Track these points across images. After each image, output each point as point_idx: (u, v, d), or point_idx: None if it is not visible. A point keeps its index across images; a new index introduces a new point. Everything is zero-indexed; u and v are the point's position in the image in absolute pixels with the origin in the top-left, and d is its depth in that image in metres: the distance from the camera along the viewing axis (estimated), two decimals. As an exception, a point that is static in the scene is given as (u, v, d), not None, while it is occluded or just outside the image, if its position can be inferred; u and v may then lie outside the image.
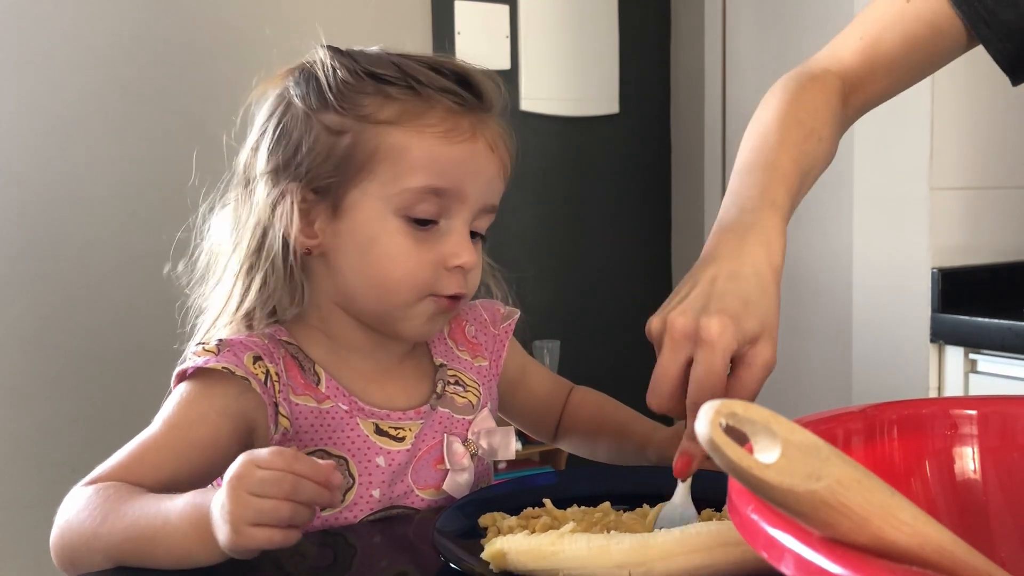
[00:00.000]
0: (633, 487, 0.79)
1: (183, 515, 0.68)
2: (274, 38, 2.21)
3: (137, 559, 0.70)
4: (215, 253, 0.87)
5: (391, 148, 0.80)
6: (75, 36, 2.06)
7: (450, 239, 0.81)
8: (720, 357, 0.67)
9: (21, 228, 2.03)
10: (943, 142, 2.10)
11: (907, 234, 2.11)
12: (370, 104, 0.81)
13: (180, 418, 0.79)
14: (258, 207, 0.83)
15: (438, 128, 0.80)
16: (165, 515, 0.69)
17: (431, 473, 0.85)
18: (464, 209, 0.82)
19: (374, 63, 0.83)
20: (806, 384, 2.22)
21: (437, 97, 0.81)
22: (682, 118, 2.64)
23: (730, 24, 2.47)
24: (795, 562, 0.38)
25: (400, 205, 0.80)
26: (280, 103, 0.85)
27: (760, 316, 0.69)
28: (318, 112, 0.82)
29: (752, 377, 0.69)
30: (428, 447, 0.86)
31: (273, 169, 0.83)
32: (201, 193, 0.91)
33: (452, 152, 0.80)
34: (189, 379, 0.81)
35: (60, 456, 2.04)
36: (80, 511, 0.72)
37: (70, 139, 2.06)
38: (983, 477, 0.56)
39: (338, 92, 0.81)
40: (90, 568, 0.71)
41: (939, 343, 2.02)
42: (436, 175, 0.80)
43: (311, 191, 0.81)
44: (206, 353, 0.80)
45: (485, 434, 0.89)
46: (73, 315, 2.07)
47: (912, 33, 0.89)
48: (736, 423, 0.40)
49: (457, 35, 2.31)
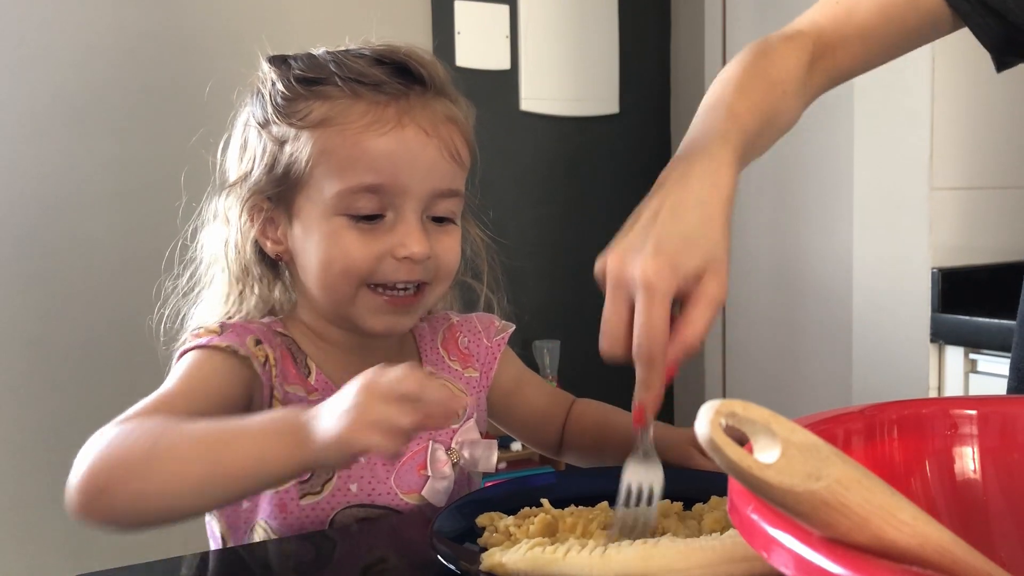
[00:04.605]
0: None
1: (263, 424, 0.67)
2: (274, 39, 2.22)
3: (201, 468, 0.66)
4: (203, 261, 0.90)
5: (321, 151, 0.81)
6: (75, 36, 2.06)
7: (398, 230, 0.81)
8: (659, 302, 0.64)
9: (21, 228, 2.03)
10: (943, 142, 2.10)
11: (907, 234, 2.11)
12: (303, 109, 0.82)
13: (192, 375, 0.79)
14: (230, 218, 0.86)
15: (360, 123, 0.80)
16: (238, 425, 0.68)
17: (414, 478, 0.86)
18: (408, 199, 0.81)
19: (309, 67, 0.84)
20: (806, 384, 2.22)
21: (362, 91, 0.81)
22: (682, 118, 2.64)
23: (730, 24, 2.47)
24: (795, 562, 0.38)
25: (337, 205, 0.80)
26: (243, 119, 0.88)
27: (703, 250, 0.66)
28: (265, 126, 0.84)
29: (699, 315, 0.66)
30: (412, 452, 0.86)
31: (238, 182, 0.86)
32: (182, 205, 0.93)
33: (378, 145, 0.80)
34: (193, 352, 0.82)
35: (60, 456, 2.03)
36: (123, 437, 0.68)
37: (70, 139, 2.06)
38: (983, 477, 0.56)
39: (276, 104, 0.83)
40: (125, 495, 0.66)
41: (939, 343, 2.02)
42: (364, 172, 0.79)
43: (267, 200, 0.84)
44: (209, 333, 0.82)
45: (468, 445, 0.89)
46: (72, 315, 2.07)
47: (890, 2, 0.87)
48: (736, 423, 0.40)
49: (457, 35, 2.31)
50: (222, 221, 0.87)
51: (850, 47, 0.89)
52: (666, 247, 0.66)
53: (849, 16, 0.88)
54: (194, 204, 0.93)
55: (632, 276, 0.65)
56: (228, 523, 0.86)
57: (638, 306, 0.65)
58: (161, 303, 0.91)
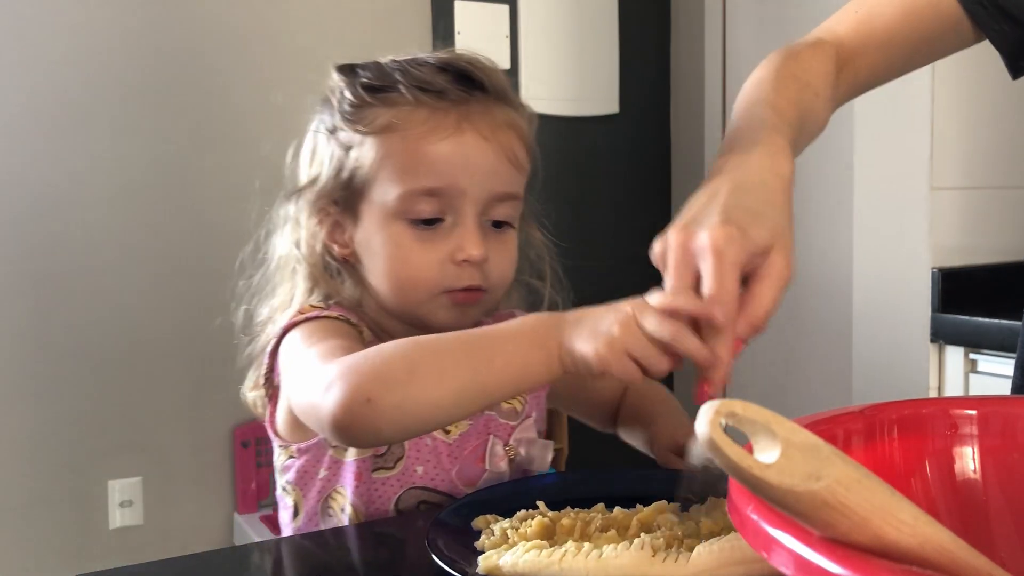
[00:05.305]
0: (631, 489, 0.78)
1: (518, 333, 0.68)
2: (276, 39, 2.22)
3: (464, 376, 0.67)
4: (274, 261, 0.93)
5: (383, 157, 0.84)
6: (77, 36, 2.06)
7: (456, 234, 0.83)
8: (729, 268, 0.61)
9: (21, 229, 2.03)
10: (943, 142, 2.10)
11: (907, 234, 2.11)
12: (368, 116, 0.85)
13: (328, 329, 0.81)
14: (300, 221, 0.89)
15: (421, 128, 0.83)
16: (494, 333, 0.69)
17: (473, 469, 0.89)
18: (466, 202, 0.83)
19: (376, 76, 0.86)
20: (806, 384, 2.22)
21: (424, 98, 0.83)
22: (682, 118, 2.64)
23: (730, 24, 2.47)
24: (795, 562, 0.38)
25: (398, 209, 0.83)
26: (314, 127, 0.92)
27: (771, 224, 0.64)
28: (333, 132, 0.88)
29: (767, 291, 0.63)
30: (473, 447, 0.89)
31: (307, 186, 0.89)
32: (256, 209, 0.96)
33: (437, 149, 0.82)
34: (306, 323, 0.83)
35: (59, 456, 2.04)
36: (375, 353, 0.69)
37: (70, 140, 2.06)
38: (983, 477, 0.56)
39: (344, 111, 0.86)
40: (390, 404, 0.66)
41: (939, 343, 2.02)
42: (424, 176, 0.82)
43: (334, 205, 0.88)
44: (314, 309, 0.85)
45: (525, 443, 0.92)
46: (72, 315, 2.07)
47: (910, 11, 0.87)
48: (736, 423, 0.40)
49: (457, 35, 2.31)
50: (292, 223, 0.91)
51: (871, 57, 0.88)
52: (735, 217, 0.63)
53: (870, 24, 0.88)
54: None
55: (700, 245, 0.62)
56: (304, 492, 0.88)
57: (707, 273, 0.61)
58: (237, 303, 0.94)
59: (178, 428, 2.18)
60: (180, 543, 2.15)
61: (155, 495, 2.16)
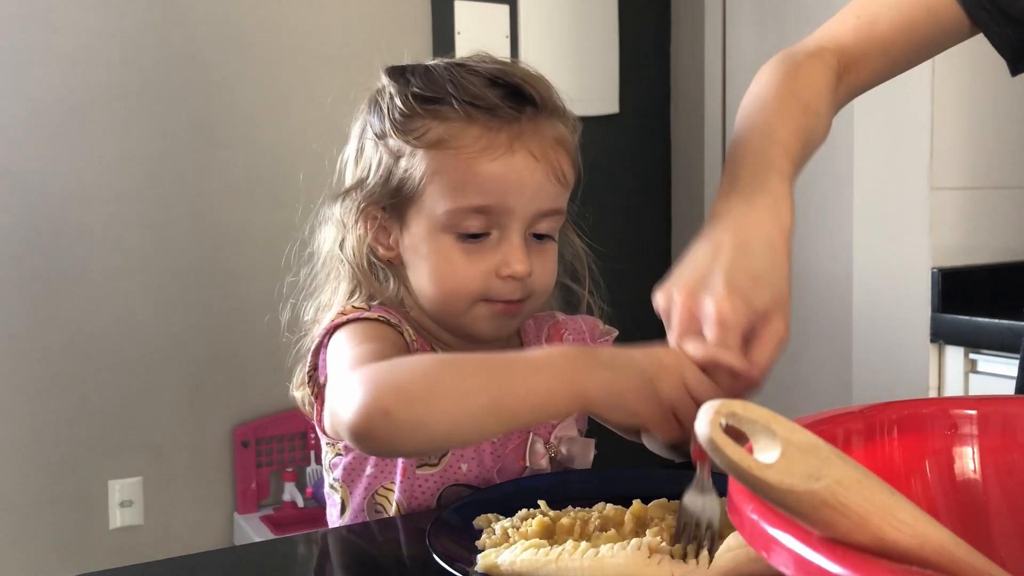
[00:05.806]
0: (633, 489, 0.78)
1: (545, 361, 0.68)
2: (277, 39, 2.22)
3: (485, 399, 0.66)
4: (320, 261, 0.94)
5: (434, 171, 0.84)
6: (78, 36, 2.06)
7: (502, 249, 0.84)
8: (733, 338, 0.65)
9: (21, 228, 2.03)
10: (943, 142, 2.10)
11: (907, 234, 2.11)
12: (419, 128, 0.85)
13: (368, 333, 0.82)
14: (346, 222, 0.90)
15: (473, 147, 0.83)
16: (519, 359, 0.69)
17: (514, 467, 0.90)
18: (513, 220, 0.84)
19: (427, 85, 0.86)
20: (806, 384, 2.22)
21: (476, 115, 0.84)
22: (682, 118, 2.64)
23: (730, 24, 2.47)
24: (795, 562, 0.38)
25: (447, 224, 0.84)
26: (360, 128, 0.92)
27: (772, 288, 0.67)
28: (382, 138, 0.88)
29: (765, 353, 0.67)
30: (515, 444, 0.90)
31: (353, 188, 0.90)
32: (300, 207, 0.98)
33: (489, 169, 0.83)
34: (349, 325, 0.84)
35: (59, 456, 2.04)
36: (399, 365, 0.69)
37: (71, 140, 2.06)
38: (983, 477, 0.56)
39: (394, 119, 0.87)
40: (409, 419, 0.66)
41: (939, 343, 2.02)
42: (474, 194, 0.83)
43: (381, 209, 0.89)
44: (357, 310, 0.85)
45: (566, 441, 0.92)
46: (72, 315, 2.07)
47: (909, 15, 0.88)
48: (736, 423, 0.40)
49: (457, 35, 2.31)
50: (337, 224, 0.91)
51: (872, 62, 0.90)
52: (738, 283, 0.66)
53: (870, 31, 0.89)
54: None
55: (705, 312, 0.66)
56: (350, 489, 0.89)
57: (711, 340, 0.65)
58: (283, 301, 0.96)
59: (178, 428, 2.18)
60: (180, 543, 2.16)
61: (155, 495, 2.16)
